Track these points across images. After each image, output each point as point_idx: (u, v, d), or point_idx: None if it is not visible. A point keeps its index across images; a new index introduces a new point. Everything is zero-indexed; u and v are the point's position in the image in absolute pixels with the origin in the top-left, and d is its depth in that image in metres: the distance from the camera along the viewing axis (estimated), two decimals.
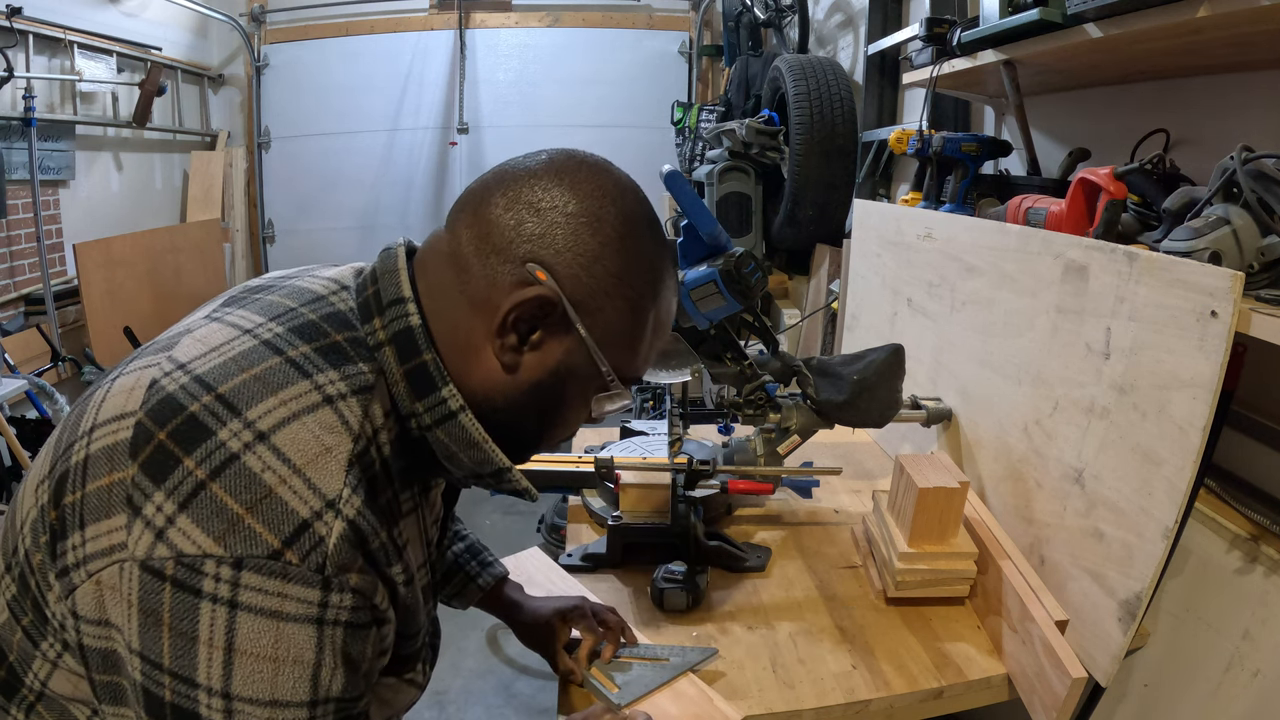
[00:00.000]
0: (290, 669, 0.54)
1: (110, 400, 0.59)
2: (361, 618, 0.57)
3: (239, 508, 0.53)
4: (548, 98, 5.16)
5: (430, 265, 0.66)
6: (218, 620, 0.52)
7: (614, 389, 0.68)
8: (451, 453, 0.65)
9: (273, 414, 0.56)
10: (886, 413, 1.25)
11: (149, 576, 0.52)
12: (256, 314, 0.63)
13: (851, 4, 3.04)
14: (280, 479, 0.54)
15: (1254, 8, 0.91)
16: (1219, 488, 1.07)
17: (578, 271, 0.62)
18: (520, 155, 0.67)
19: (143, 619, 0.52)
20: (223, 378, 0.57)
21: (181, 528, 0.52)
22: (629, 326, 0.66)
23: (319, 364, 0.59)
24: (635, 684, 0.94)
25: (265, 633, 0.53)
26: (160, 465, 0.54)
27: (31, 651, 0.60)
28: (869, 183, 2.55)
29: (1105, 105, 1.56)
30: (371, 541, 0.57)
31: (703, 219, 1.13)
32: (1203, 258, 0.87)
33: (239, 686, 0.53)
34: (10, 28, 3.15)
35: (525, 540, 3.31)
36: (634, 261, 0.65)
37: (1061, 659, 0.88)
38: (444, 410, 0.63)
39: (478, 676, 2.44)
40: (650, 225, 0.67)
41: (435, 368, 0.63)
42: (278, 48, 5.09)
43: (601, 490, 1.38)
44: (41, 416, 2.82)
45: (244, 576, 0.52)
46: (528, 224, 0.62)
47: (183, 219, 4.78)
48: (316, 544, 0.54)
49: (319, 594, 0.54)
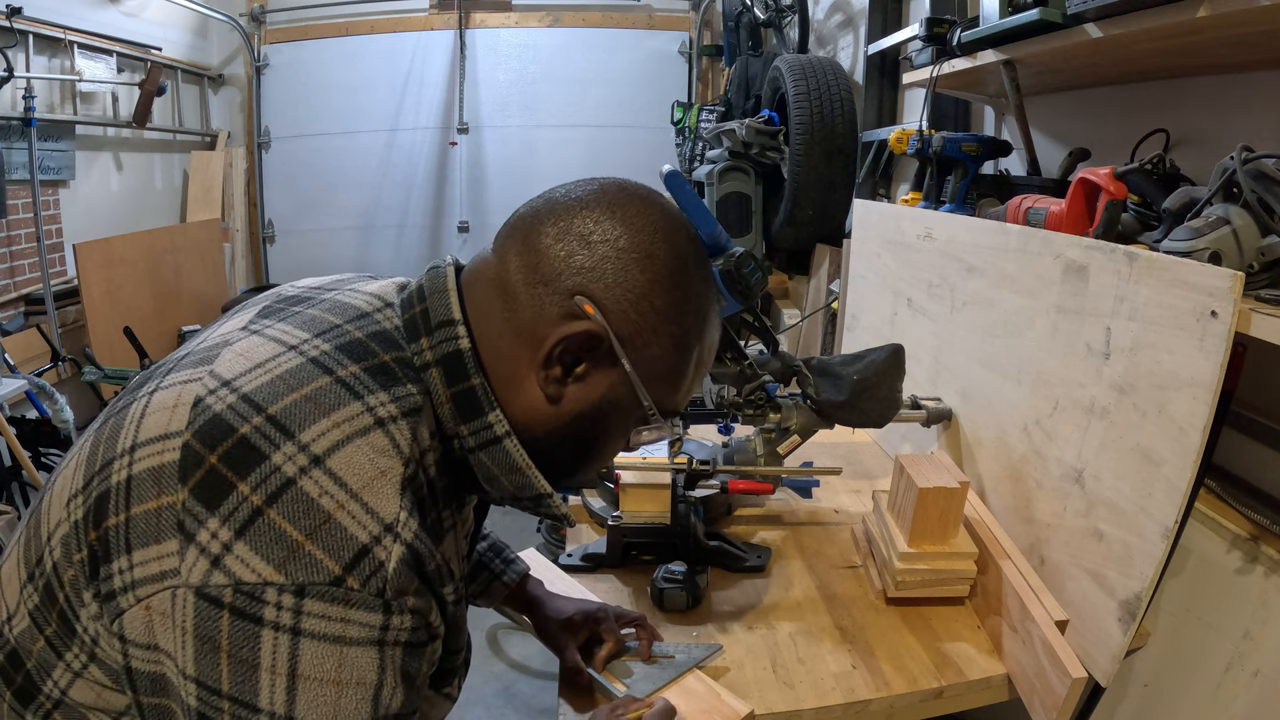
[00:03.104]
0: (353, 691, 0.54)
1: (150, 417, 0.58)
2: (420, 637, 0.58)
3: (299, 534, 0.52)
4: (548, 98, 5.16)
5: (477, 290, 0.65)
6: (280, 647, 0.52)
7: (655, 422, 0.67)
8: (493, 475, 0.65)
9: (326, 436, 0.55)
10: (886, 413, 1.25)
11: (205, 604, 0.52)
12: (300, 329, 0.63)
13: (851, 4, 3.04)
14: (338, 504, 0.53)
15: (1254, 8, 0.91)
16: (1219, 488, 1.07)
17: (626, 308, 0.62)
18: (570, 182, 0.67)
19: (198, 645, 0.52)
20: (272, 397, 0.56)
21: (239, 555, 0.52)
22: (674, 363, 0.66)
23: (369, 385, 0.59)
24: (643, 682, 0.94)
25: (329, 658, 0.53)
26: (213, 490, 0.53)
27: (53, 661, 0.60)
28: (869, 183, 2.55)
29: (1105, 105, 1.56)
30: (428, 564, 0.58)
31: (703, 219, 1.13)
32: (1203, 258, 0.86)
33: (303, 711, 0.53)
34: (10, 28, 3.15)
35: (526, 540, 3.31)
36: (682, 300, 0.64)
37: (1061, 659, 0.88)
38: (489, 435, 0.63)
39: (478, 676, 2.44)
40: (699, 263, 0.67)
41: (483, 392, 0.63)
42: (278, 48, 5.09)
43: (601, 490, 1.38)
44: (41, 416, 2.81)
45: (307, 604, 0.52)
46: (578, 256, 0.62)
47: (183, 219, 4.78)
48: (377, 569, 0.54)
49: (381, 618, 0.54)
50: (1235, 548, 1.01)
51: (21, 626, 0.61)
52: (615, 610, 1.02)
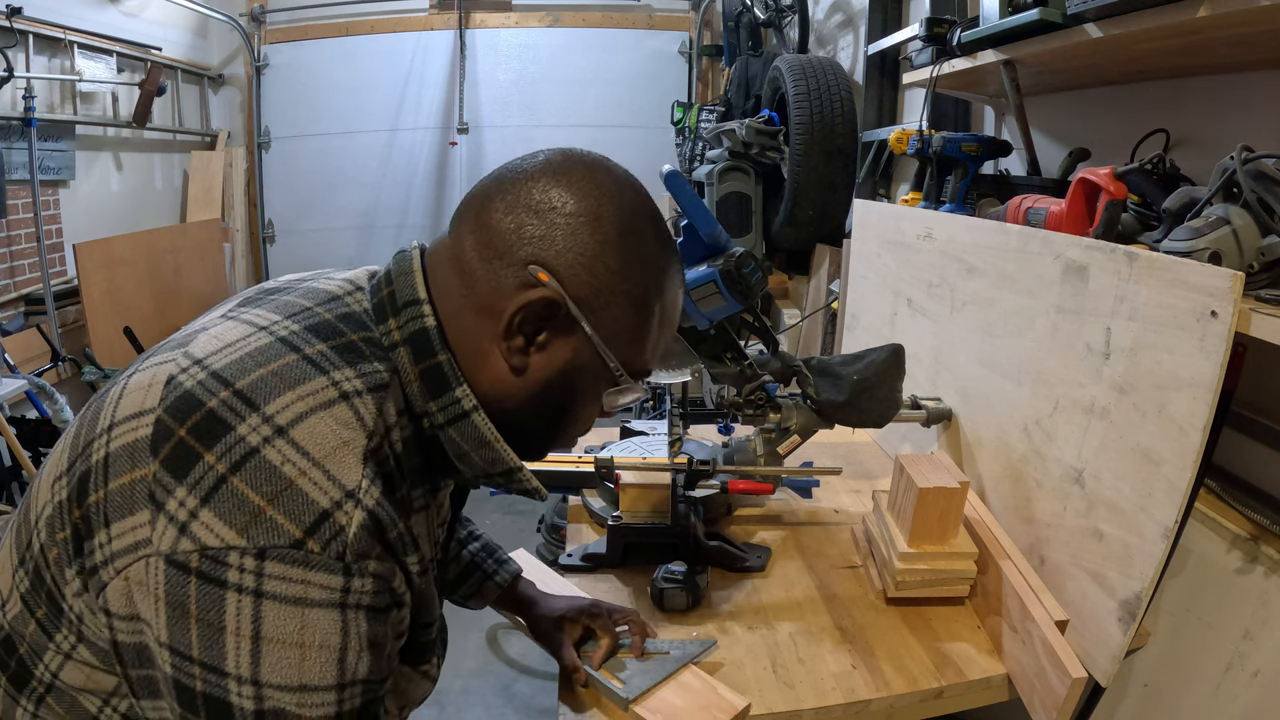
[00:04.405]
0: (317, 654, 0.55)
1: (127, 397, 0.59)
2: (382, 601, 0.59)
3: (260, 500, 0.54)
4: (548, 98, 5.16)
5: (439, 271, 0.67)
6: (243, 610, 0.53)
7: (624, 384, 0.68)
8: (463, 451, 0.66)
9: (290, 409, 0.56)
10: (886, 413, 1.25)
11: (174, 570, 0.53)
12: (272, 312, 0.64)
13: (851, 4, 3.04)
14: (300, 471, 0.55)
15: (1254, 8, 0.91)
16: (1219, 488, 1.07)
17: (579, 271, 0.63)
18: (519, 157, 0.68)
19: (170, 612, 0.54)
20: (240, 373, 0.58)
21: (204, 521, 0.53)
22: (634, 322, 0.67)
23: (335, 361, 0.60)
24: (640, 678, 0.94)
25: (291, 619, 0.54)
26: (181, 461, 0.55)
27: (44, 644, 0.61)
28: (869, 183, 2.55)
29: (1105, 105, 1.56)
30: (390, 531, 0.58)
31: (703, 219, 1.13)
32: (1203, 258, 0.86)
33: (267, 673, 0.54)
34: (10, 28, 3.15)
35: (526, 540, 3.31)
36: (635, 258, 0.65)
37: (1061, 659, 0.88)
38: (457, 410, 0.64)
39: (478, 676, 2.44)
40: (651, 220, 0.68)
41: (450, 368, 0.64)
42: (278, 48, 5.09)
43: (601, 490, 1.38)
44: (41, 416, 2.81)
45: (268, 566, 0.53)
46: (528, 227, 0.63)
47: (183, 219, 4.78)
48: (337, 533, 0.55)
49: (341, 580, 0.55)
50: (1235, 548, 1.01)
51: (15, 611, 0.62)
52: (608, 606, 1.02)
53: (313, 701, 0.55)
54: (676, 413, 1.43)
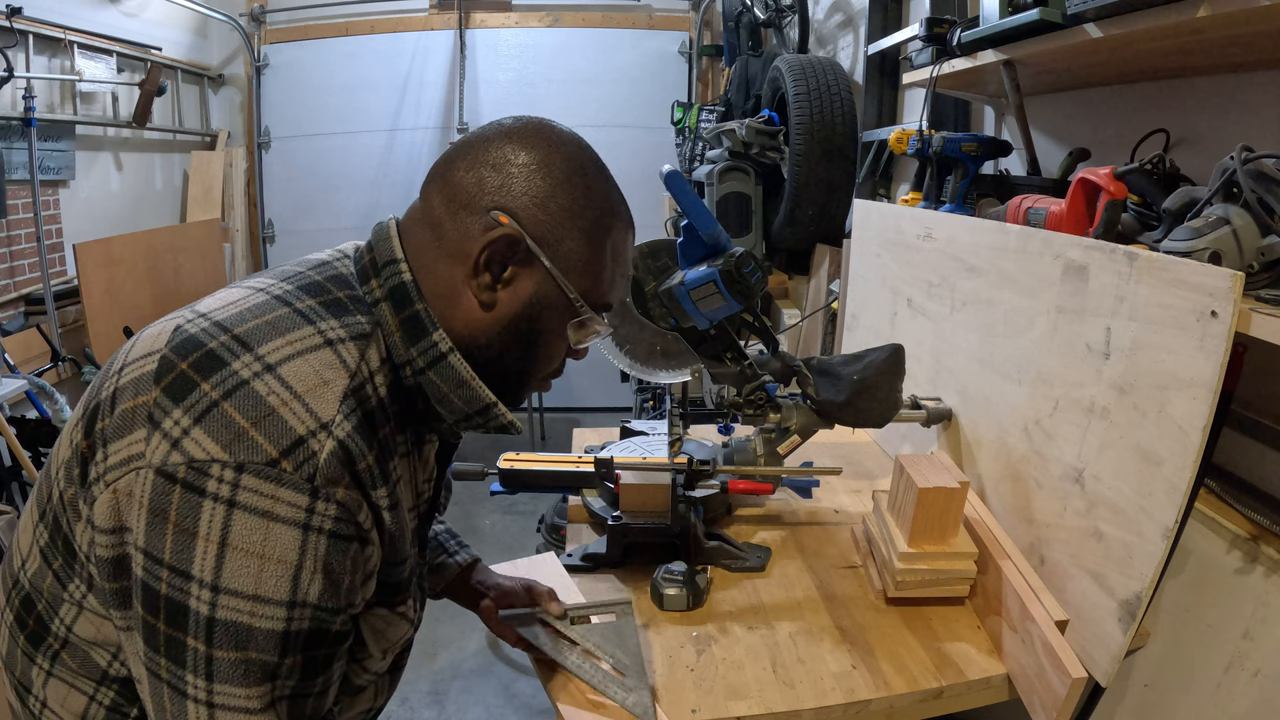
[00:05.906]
0: (274, 567, 0.60)
1: (139, 344, 0.68)
2: (344, 529, 0.64)
3: (245, 422, 0.60)
4: (548, 98, 5.15)
5: (412, 231, 0.75)
6: (216, 516, 0.59)
7: (584, 314, 0.75)
8: (443, 394, 0.73)
9: (279, 350, 0.64)
10: (887, 413, 1.25)
11: (162, 480, 0.60)
12: (269, 277, 0.74)
13: (851, 4, 3.04)
14: (282, 401, 0.62)
15: (1254, 8, 0.91)
16: (1219, 488, 1.07)
17: (534, 211, 0.72)
18: (479, 127, 0.77)
19: (151, 518, 0.60)
20: (238, 322, 0.66)
21: (195, 438, 0.60)
22: (588, 255, 0.74)
23: (322, 314, 0.69)
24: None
25: (256, 530, 0.59)
26: (181, 388, 0.62)
27: (60, 596, 0.68)
28: (869, 183, 2.55)
29: (1105, 105, 1.56)
30: (359, 463, 0.64)
31: (703, 219, 1.13)
32: (1203, 258, 0.86)
33: (227, 579, 0.59)
34: (10, 28, 3.14)
35: (525, 540, 3.31)
36: (583, 197, 0.74)
37: (1061, 659, 0.88)
38: (435, 353, 0.71)
39: (478, 676, 2.44)
40: (595, 165, 0.76)
41: (426, 315, 0.71)
42: (278, 48, 5.08)
43: (601, 490, 1.38)
44: (41, 416, 2.82)
45: (243, 479, 0.59)
46: (488, 180, 0.72)
47: (183, 219, 4.77)
48: (309, 457, 0.61)
49: (307, 500, 0.61)
50: (1235, 548, 1.01)
51: (34, 567, 0.70)
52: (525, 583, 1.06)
53: (264, 613, 0.60)
54: (676, 413, 1.42)
